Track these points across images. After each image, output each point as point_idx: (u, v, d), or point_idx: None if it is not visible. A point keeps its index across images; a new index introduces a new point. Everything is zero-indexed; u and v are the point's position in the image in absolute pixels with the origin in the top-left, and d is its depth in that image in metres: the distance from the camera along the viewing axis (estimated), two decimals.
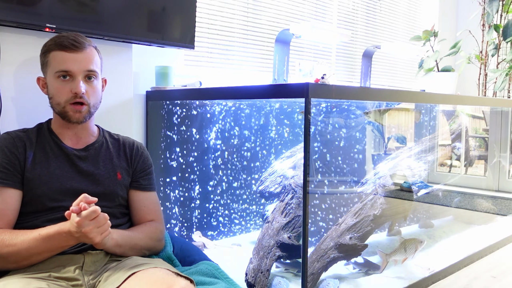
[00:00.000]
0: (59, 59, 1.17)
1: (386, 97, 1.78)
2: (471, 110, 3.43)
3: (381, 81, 3.49)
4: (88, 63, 1.19)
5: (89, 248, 1.13)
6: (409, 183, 2.47)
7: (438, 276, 1.93)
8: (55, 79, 1.18)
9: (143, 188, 1.32)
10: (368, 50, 1.97)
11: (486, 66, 3.09)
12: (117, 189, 1.25)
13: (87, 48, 1.20)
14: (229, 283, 1.19)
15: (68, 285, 1.06)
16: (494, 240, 2.40)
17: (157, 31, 1.73)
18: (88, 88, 1.20)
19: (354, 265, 1.94)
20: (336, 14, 3.06)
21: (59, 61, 1.17)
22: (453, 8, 4.00)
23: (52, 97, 1.20)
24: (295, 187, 1.90)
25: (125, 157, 1.31)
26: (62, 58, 1.17)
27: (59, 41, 1.18)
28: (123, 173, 1.28)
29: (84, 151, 1.24)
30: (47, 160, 1.18)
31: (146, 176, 1.34)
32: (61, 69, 1.16)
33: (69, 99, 1.17)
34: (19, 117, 1.47)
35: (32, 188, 1.14)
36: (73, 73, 1.17)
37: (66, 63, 1.16)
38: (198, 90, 1.84)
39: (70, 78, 1.18)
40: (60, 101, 1.18)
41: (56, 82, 1.18)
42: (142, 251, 1.23)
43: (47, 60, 1.19)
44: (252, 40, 2.54)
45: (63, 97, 1.18)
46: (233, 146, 2.28)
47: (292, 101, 2.04)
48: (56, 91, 1.18)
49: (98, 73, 1.24)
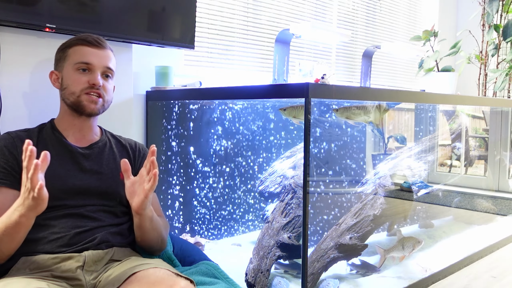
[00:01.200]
0: (81, 52, 1.21)
1: (386, 97, 1.78)
2: (471, 110, 3.43)
3: (381, 81, 3.49)
4: (108, 60, 1.24)
5: (88, 248, 1.13)
6: (409, 183, 2.47)
7: (438, 276, 1.93)
8: (73, 71, 1.20)
9: None
10: (368, 50, 1.97)
11: (486, 66, 3.09)
12: (119, 189, 1.25)
13: (107, 48, 1.26)
14: (229, 283, 1.19)
15: (69, 285, 1.06)
16: (494, 240, 2.40)
17: (157, 31, 1.73)
18: (105, 84, 1.24)
19: (351, 266, 1.93)
20: (336, 14, 3.06)
21: (81, 54, 1.20)
22: (453, 8, 4.00)
23: (67, 87, 1.21)
24: (295, 187, 1.90)
25: (128, 157, 1.32)
26: (85, 52, 1.21)
27: (83, 37, 1.23)
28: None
29: (88, 149, 1.25)
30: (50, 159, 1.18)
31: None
32: (82, 60, 1.20)
33: (85, 88, 1.20)
34: (19, 117, 1.47)
35: None
36: (93, 66, 1.21)
37: (87, 56, 1.20)
38: (198, 90, 1.84)
39: (88, 72, 1.21)
40: (76, 90, 1.20)
41: (75, 73, 1.20)
42: (159, 239, 1.24)
43: (66, 54, 1.22)
44: (252, 40, 2.54)
45: (79, 86, 1.19)
46: (233, 146, 2.28)
47: (292, 101, 2.04)
48: (72, 81, 1.20)
49: (114, 74, 1.28)
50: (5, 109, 1.44)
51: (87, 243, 1.14)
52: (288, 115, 1.69)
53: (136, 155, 1.34)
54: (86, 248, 1.13)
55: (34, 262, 1.07)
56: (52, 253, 1.10)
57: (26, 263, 1.08)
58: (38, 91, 1.52)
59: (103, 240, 1.16)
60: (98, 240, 1.15)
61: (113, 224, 1.21)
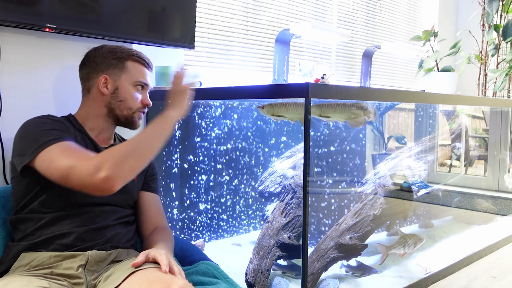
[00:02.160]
0: (141, 71, 1.29)
1: (386, 97, 1.78)
2: (471, 110, 3.43)
3: (381, 81, 3.49)
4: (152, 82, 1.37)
5: (93, 247, 1.13)
6: (409, 183, 2.47)
7: (438, 276, 1.93)
8: (133, 87, 1.27)
9: (152, 190, 1.39)
10: (368, 50, 1.97)
11: (486, 66, 3.10)
12: (133, 191, 1.30)
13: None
14: (229, 283, 1.19)
15: (70, 284, 1.06)
16: (494, 240, 2.40)
17: (157, 31, 1.73)
18: None
19: (346, 268, 1.92)
20: (336, 14, 3.06)
21: (141, 73, 1.29)
22: (453, 8, 4.00)
23: (125, 100, 1.26)
24: (295, 187, 1.90)
25: None
26: (144, 72, 1.30)
27: (140, 55, 1.30)
28: (138, 176, 1.31)
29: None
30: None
31: (155, 179, 1.41)
32: (143, 81, 1.29)
33: (140, 107, 1.30)
34: (19, 117, 1.47)
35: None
36: (147, 87, 1.32)
37: (146, 76, 1.30)
38: (198, 90, 1.83)
39: (143, 90, 1.31)
40: (133, 107, 1.28)
41: (134, 89, 1.28)
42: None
43: (124, 65, 1.27)
44: (252, 40, 2.54)
45: (137, 105, 1.28)
46: (233, 146, 2.28)
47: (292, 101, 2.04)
48: (131, 97, 1.27)
49: None
50: (5, 109, 1.44)
51: (93, 242, 1.14)
52: (267, 113, 1.68)
53: None
54: (91, 247, 1.13)
55: (36, 259, 1.07)
56: (56, 250, 1.10)
57: (27, 260, 1.08)
58: (38, 91, 1.52)
59: (109, 240, 1.17)
60: (104, 240, 1.16)
61: (121, 225, 1.23)
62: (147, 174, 1.38)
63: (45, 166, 1.06)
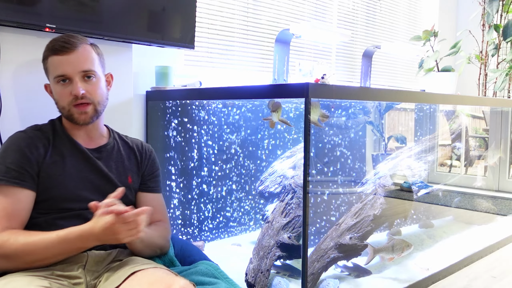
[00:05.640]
0: (55, 64, 1.17)
1: (386, 97, 1.78)
2: (471, 110, 3.43)
3: (381, 81, 3.49)
4: (82, 63, 1.17)
5: (94, 247, 1.13)
6: (409, 183, 2.47)
7: (438, 276, 1.93)
8: (55, 84, 1.18)
9: (151, 190, 1.34)
10: (368, 50, 1.97)
11: (486, 66, 3.09)
12: (127, 193, 1.25)
13: (79, 48, 1.17)
14: (229, 283, 1.19)
15: (70, 284, 1.06)
16: (494, 240, 2.40)
17: (157, 31, 1.73)
18: (89, 87, 1.18)
19: (342, 268, 1.92)
20: (336, 14, 3.06)
21: (55, 66, 1.17)
22: (453, 8, 4.00)
23: (57, 102, 1.20)
24: (295, 187, 1.90)
25: (135, 160, 1.32)
26: (57, 63, 1.16)
27: (51, 45, 1.18)
28: (133, 176, 1.29)
29: (96, 152, 1.25)
30: (62, 160, 1.18)
31: (154, 178, 1.36)
32: (58, 74, 1.16)
33: (71, 101, 1.17)
34: (19, 117, 1.47)
35: (47, 189, 1.14)
36: (69, 75, 1.16)
37: (60, 67, 1.16)
38: (198, 90, 1.84)
39: (69, 81, 1.17)
40: (64, 105, 1.18)
41: (57, 86, 1.18)
42: (156, 250, 1.25)
43: (46, 66, 1.20)
44: (252, 40, 2.54)
45: (66, 100, 1.17)
46: (233, 146, 2.28)
47: (292, 101, 2.04)
48: (58, 96, 1.19)
49: (97, 71, 1.21)
50: (5, 109, 1.44)
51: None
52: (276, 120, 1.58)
53: (143, 156, 1.35)
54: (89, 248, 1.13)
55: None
56: None
57: None
58: (38, 91, 1.52)
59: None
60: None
61: None
62: (144, 174, 1.34)
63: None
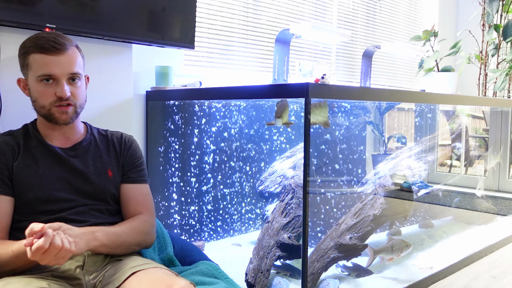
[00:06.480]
0: (41, 62, 1.12)
1: (386, 97, 1.78)
2: (471, 110, 3.43)
3: (381, 81, 3.49)
4: (71, 66, 1.15)
5: None
6: (409, 183, 2.47)
7: (438, 276, 1.93)
8: (37, 83, 1.14)
9: (132, 180, 1.29)
10: (368, 50, 1.97)
11: (486, 66, 3.09)
12: (109, 187, 1.23)
13: (69, 50, 1.15)
14: (229, 283, 1.19)
15: (69, 285, 1.06)
16: (494, 240, 2.40)
17: (157, 31, 1.73)
18: (73, 89, 1.17)
19: (342, 268, 1.92)
20: (336, 14, 3.06)
21: (41, 64, 1.12)
22: (453, 8, 4.00)
23: (36, 100, 1.16)
24: (295, 187, 1.90)
25: (114, 152, 1.29)
26: (44, 62, 1.12)
27: (39, 43, 1.12)
28: (114, 169, 1.26)
29: (72, 150, 1.22)
30: (36, 163, 1.16)
31: (135, 169, 1.30)
32: (43, 73, 1.12)
33: (53, 101, 1.14)
34: (19, 117, 1.47)
35: (22, 192, 1.13)
36: (56, 76, 1.13)
37: (48, 67, 1.12)
38: (198, 90, 1.84)
39: (53, 82, 1.14)
40: (45, 104, 1.15)
41: (39, 85, 1.14)
42: (132, 247, 1.20)
43: (27, 62, 1.14)
44: (252, 40, 2.54)
45: (48, 100, 1.14)
46: (233, 146, 2.28)
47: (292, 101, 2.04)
48: (39, 95, 1.15)
49: (81, 74, 1.20)
50: (5, 109, 1.44)
51: None
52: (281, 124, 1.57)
53: (122, 147, 1.30)
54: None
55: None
56: None
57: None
58: None
59: None
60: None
61: (107, 223, 1.19)
62: (124, 163, 1.29)
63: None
